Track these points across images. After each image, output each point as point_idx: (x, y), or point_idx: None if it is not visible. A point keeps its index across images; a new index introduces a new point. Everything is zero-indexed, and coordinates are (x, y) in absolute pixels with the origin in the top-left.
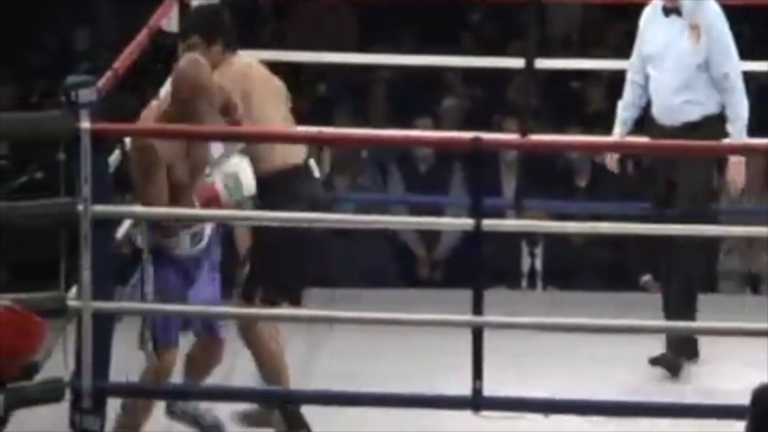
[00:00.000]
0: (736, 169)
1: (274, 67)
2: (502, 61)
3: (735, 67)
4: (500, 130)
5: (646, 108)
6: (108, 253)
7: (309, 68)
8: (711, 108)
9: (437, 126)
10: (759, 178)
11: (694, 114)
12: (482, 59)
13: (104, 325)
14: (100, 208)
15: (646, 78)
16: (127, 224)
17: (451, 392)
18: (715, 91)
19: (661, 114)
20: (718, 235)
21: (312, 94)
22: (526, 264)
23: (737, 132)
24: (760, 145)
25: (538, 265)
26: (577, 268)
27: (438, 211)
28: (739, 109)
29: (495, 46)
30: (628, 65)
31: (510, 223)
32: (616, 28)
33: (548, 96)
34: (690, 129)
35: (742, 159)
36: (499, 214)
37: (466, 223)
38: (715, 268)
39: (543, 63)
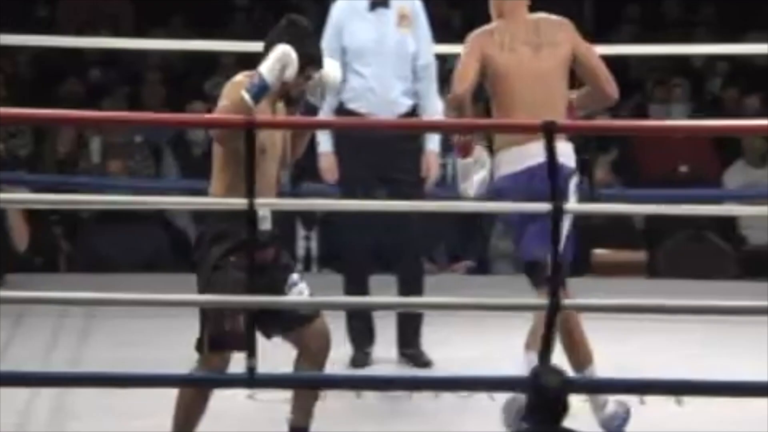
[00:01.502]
0: (433, 160)
1: (47, 53)
2: None
3: (432, 56)
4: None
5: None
6: None
7: (82, 53)
8: (414, 98)
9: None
10: None
11: (406, 105)
12: (254, 44)
13: None
14: None
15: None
16: None
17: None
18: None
19: (375, 109)
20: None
21: (86, 80)
22: (301, 248)
23: None
24: None
25: (314, 248)
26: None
27: None
28: (437, 101)
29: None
30: None
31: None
32: None
33: None
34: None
35: (437, 152)
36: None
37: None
38: (486, 250)
39: None
